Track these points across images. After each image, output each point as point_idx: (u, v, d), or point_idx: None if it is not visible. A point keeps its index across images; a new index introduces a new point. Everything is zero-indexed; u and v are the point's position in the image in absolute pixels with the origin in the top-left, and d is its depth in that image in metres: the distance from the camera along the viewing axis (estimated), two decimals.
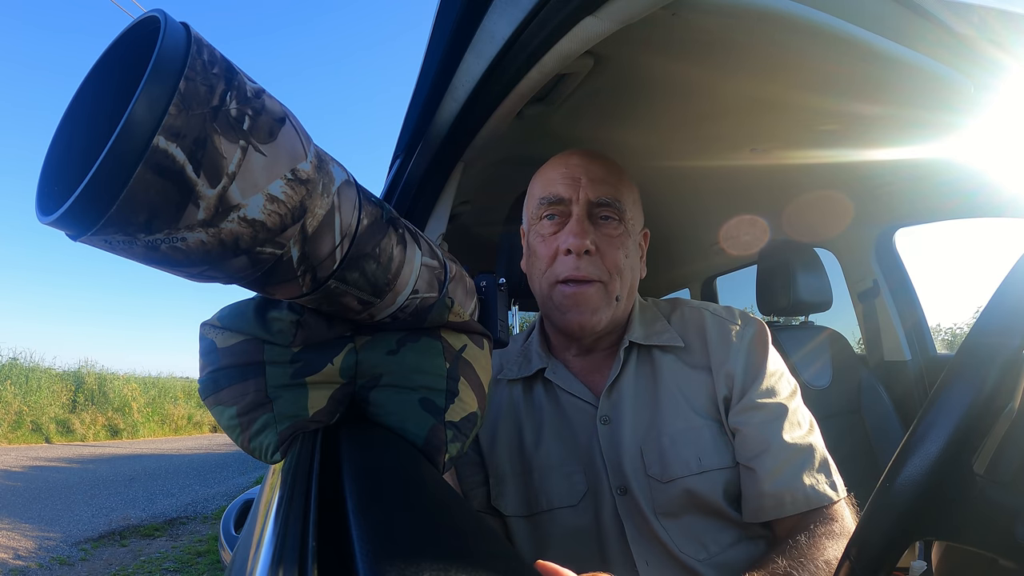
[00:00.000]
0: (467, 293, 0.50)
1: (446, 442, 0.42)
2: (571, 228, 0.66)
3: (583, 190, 0.67)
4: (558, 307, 0.68)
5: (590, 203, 0.67)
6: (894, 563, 0.41)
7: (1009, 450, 0.39)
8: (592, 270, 0.66)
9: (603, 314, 0.67)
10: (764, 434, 0.63)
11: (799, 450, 0.62)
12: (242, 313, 0.39)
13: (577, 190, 0.67)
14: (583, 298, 0.66)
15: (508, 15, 0.54)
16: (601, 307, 0.67)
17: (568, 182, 0.68)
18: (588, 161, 0.70)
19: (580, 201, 0.67)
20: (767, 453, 0.62)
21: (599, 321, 0.67)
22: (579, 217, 0.67)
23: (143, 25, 0.24)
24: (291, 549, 0.26)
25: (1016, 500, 0.37)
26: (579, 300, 0.66)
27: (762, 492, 0.61)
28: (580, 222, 0.66)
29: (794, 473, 0.61)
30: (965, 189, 1.10)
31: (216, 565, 3.28)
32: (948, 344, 4.62)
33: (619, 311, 0.70)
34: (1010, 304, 0.40)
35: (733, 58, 0.73)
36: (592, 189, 0.67)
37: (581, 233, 0.65)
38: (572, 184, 0.68)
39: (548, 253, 0.69)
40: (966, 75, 0.70)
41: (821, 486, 0.61)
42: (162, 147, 0.21)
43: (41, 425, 8.64)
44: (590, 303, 0.66)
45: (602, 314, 0.67)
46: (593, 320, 0.67)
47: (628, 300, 0.71)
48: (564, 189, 0.68)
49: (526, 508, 0.68)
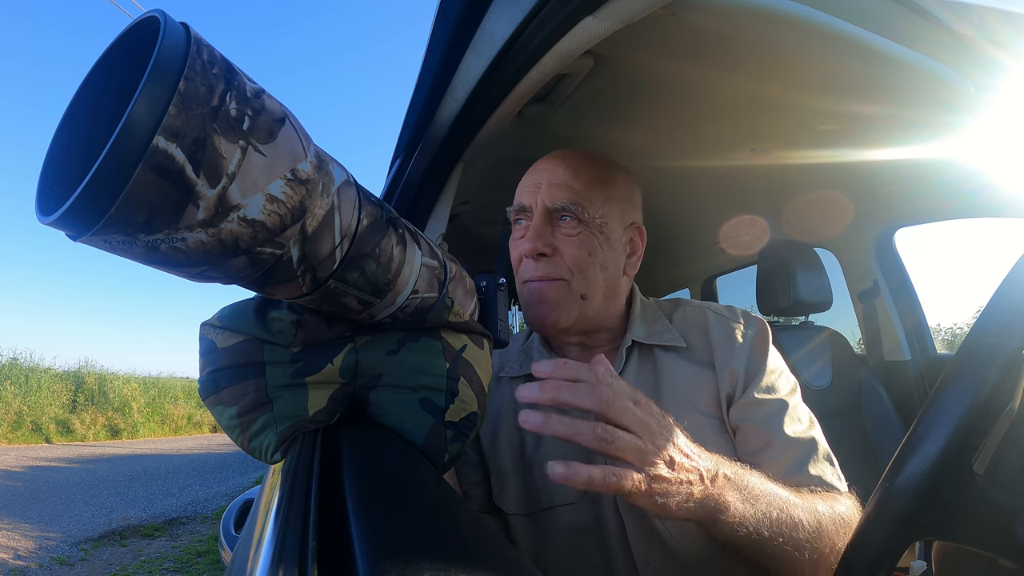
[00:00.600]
0: (467, 293, 0.50)
1: (446, 442, 0.42)
2: (527, 234, 0.70)
3: (541, 196, 0.70)
4: (525, 305, 0.71)
5: (547, 209, 0.70)
6: (894, 563, 0.41)
7: (1009, 450, 0.39)
8: (550, 270, 0.69)
9: (565, 311, 0.69)
10: (766, 429, 0.63)
11: (802, 443, 0.63)
12: (242, 313, 0.39)
13: (536, 196, 0.71)
14: (542, 295, 0.69)
15: (508, 15, 0.54)
16: (562, 304, 0.69)
17: (532, 189, 0.72)
18: (555, 165, 0.72)
19: (538, 207, 0.70)
20: (770, 447, 0.62)
21: (560, 317, 0.69)
22: (535, 223, 0.70)
23: (143, 25, 0.24)
24: (291, 549, 0.26)
25: (1016, 500, 0.37)
26: (539, 297, 0.69)
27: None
28: (535, 227, 0.70)
29: (799, 465, 0.61)
30: (965, 189, 1.10)
31: (216, 565, 3.28)
32: (948, 344, 4.62)
33: (591, 309, 0.70)
34: (1010, 304, 0.40)
35: (733, 58, 0.73)
36: (549, 195, 0.70)
37: (533, 238, 0.69)
38: (534, 191, 0.71)
39: (516, 256, 0.73)
40: (966, 75, 0.70)
41: (828, 477, 0.61)
42: (162, 147, 0.21)
43: (41, 425, 8.64)
44: (549, 300, 0.69)
45: (563, 311, 0.69)
46: (553, 316, 0.69)
47: (607, 298, 0.72)
48: (527, 197, 0.72)
49: (527, 506, 0.69)
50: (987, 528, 0.38)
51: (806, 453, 0.62)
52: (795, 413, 0.66)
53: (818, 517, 0.53)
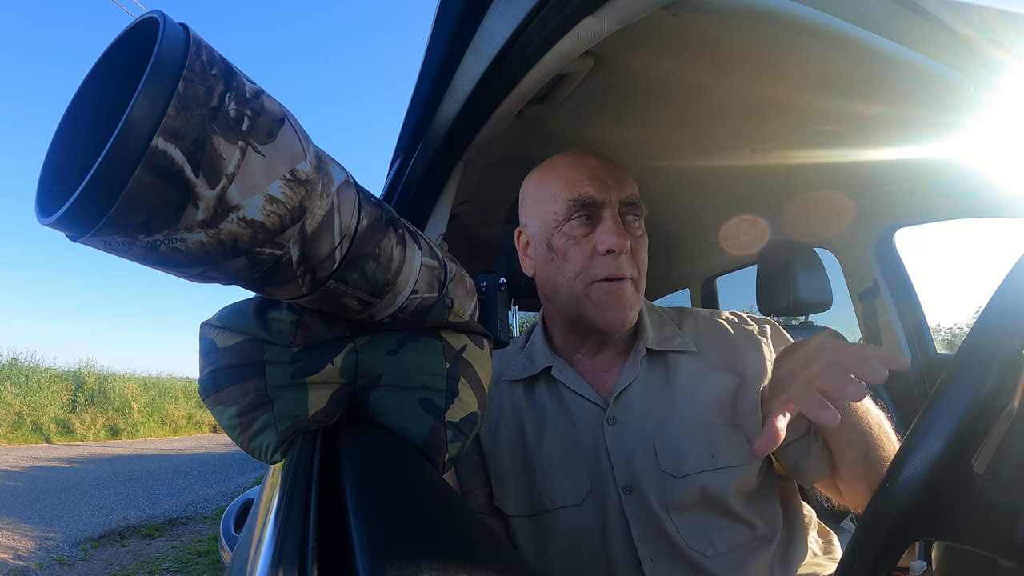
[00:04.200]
0: (467, 293, 0.50)
1: (446, 442, 0.42)
2: (610, 228, 0.67)
3: (612, 191, 0.69)
4: (597, 305, 0.69)
5: (621, 203, 0.69)
6: (894, 563, 0.41)
7: (1009, 450, 0.39)
8: (628, 268, 0.68)
9: (636, 310, 0.70)
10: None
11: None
12: (242, 313, 0.39)
13: (607, 191, 0.69)
14: (623, 295, 0.68)
15: (508, 15, 0.54)
16: (635, 303, 0.70)
17: (597, 184, 0.69)
18: (606, 162, 0.72)
19: (612, 202, 0.69)
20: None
21: (633, 317, 0.70)
22: (615, 217, 0.68)
23: (142, 26, 0.24)
24: (291, 549, 0.26)
25: (1016, 500, 0.37)
26: (620, 297, 0.68)
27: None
28: (617, 222, 0.68)
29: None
30: (965, 189, 1.10)
31: (216, 565, 3.28)
32: (948, 344, 4.62)
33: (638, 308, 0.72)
34: (1010, 304, 0.40)
35: (733, 58, 0.73)
36: (620, 190, 0.69)
37: (621, 233, 0.67)
38: (601, 185, 0.69)
39: (583, 254, 0.69)
40: (966, 75, 0.70)
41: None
42: (161, 148, 0.21)
43: (41, 425, 8.64)
44: (627, 299, 0.69)
45: (635, 310, 0.70)
46: (630, 316, 0.70)
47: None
48: (595, 191, 0.69)
49: (529, 508, 0.69)
50: (987, 528, 0.38)
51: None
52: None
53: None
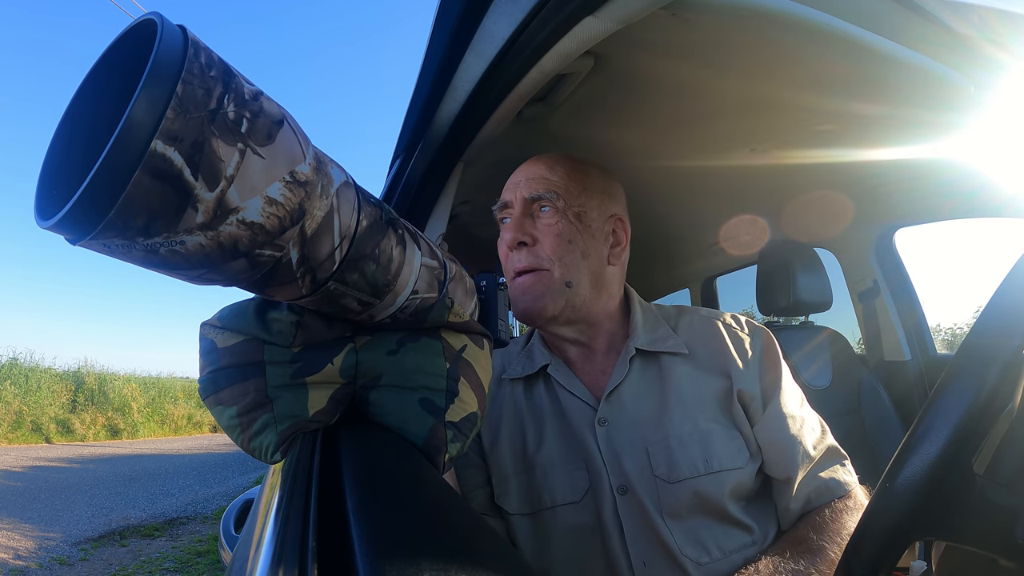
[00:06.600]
0: (467, 293, 0.50)
1: (446, 442, 0.42)
2: (507, 226, 0.73)
3: (520, 190, 0.73)
4: (513, 300, 0.71)
5: (525, 200, 0.72)
6: (894, 563, 0.41)
7: (1009, 450, 0.39)
8: (531, 260, 0.70)
9: (551, 299, 0.70)
10: (791, 449, 0.67)
11: (823, 453, 0.69)
12: (242, 313, 0.39)
13: (515, 192, 0.73)
14: (525, 286, 0.70)
15: (508, 15, 0.54)
16: (546, 293, 0.70)
17: (511, 187, 0.75)
18: (532, 164, 0.75)
19: (517, 200, 0.73)
20: (797, 466, 0.67)
21: (546, 306, 0.70)
22: (515, 214, 0.72)
23: (140, 28, 0.24)
24: (291, 549, 0.26)
25: (1016, 500, 0.37)
26: (523, 289, 0.70)
27: (794, 499, 0.66)
28: (516, 219, 0.72)
29: (817, 472, 0.68)
30: (964, 189, 1.10)
31: (216, 565, 3.28)
32: (948, 344, 4.61)
33: (577, 297, 0.71)
34: (1010, 304, 0.40)
35: (732, 58, 0.73)
36: (526, 188, 0.72)
37: (513, 228, 0.71)
38: (513, 188, 0.74)
39: (504, 254, 0.75)
40: (966, 75, 0.70)
41: (839, 475, 0.69)
42: (160, 151, 0.21)
43: (41, 425, 8.64)
44: (533, 290, 0.70)
45: (548, 299, 0.70)
46: (539, 305, 0.70)
47: (594, 287, 0.72)
48: (508, 194, 0.75)
49: (529, 506, 0.69)
50: (987, 528, 0.38)
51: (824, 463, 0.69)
52: (810, 423, 0.71)
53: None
